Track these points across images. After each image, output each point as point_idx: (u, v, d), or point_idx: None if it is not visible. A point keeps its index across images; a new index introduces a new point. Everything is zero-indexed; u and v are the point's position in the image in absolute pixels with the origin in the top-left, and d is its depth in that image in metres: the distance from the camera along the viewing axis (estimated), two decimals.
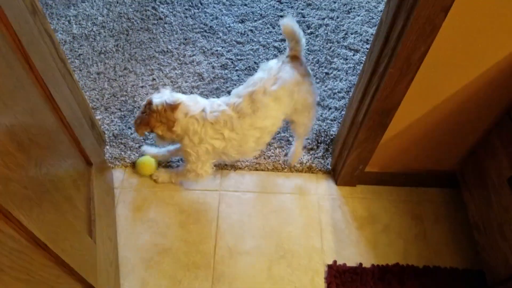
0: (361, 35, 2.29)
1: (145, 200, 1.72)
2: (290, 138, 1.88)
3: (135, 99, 2.01)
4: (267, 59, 2.16)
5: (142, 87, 2.06)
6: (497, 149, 1.28)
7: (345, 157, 1.57)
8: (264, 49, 2.22)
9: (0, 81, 0.79)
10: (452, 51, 1.08)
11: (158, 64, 2.15)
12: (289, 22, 1.39)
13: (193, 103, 1.48)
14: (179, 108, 1.46)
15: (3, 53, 0.85)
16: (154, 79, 2.09)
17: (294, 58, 1.46)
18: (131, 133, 1.87)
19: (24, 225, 0.73)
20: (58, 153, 1.09)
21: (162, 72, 2.12)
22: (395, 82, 1.12)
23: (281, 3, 2.45)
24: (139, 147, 1.83)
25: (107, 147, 1.84)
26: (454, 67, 1.12)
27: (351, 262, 1.53)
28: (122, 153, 1.81)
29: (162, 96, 1.48)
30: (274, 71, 1.43)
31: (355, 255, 1.56)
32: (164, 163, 1.80)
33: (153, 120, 1.47)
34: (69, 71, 1.46)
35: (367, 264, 1.53)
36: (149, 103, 1.48)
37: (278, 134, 1.89)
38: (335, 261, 1.53)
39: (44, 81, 1.06)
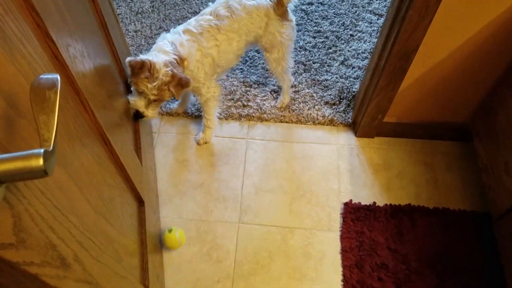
0: (385, 0, 2.38)
1: (180, 143, 1.89)
2: (314, 94, 2.02)
3: None
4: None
5: None
6: (506, 95, 1.40)
7: (365, 107, 1.70)
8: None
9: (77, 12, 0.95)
10: None
11: None
12: None
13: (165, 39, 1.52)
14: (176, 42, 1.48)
15: None
16: None
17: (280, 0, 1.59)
18: None
19: (96, 117, 0.89)
20: (112, 80, 1.26)
21: None
22: (414, 25, 1.24)
23: None
24: (173, 99, 1.99)
25: None
26: (469, 10, 1.23)
27: (366, 202, 1.68)
28: None
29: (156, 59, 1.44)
30: None
31: (369, 196, 1.71)
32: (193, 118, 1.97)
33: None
34: (116, 17, 1.62)
35: (380, 203, 1.67)
36: (176, 60, 1.45)
37: (302, 90, 2.03)
38: (351, 200, 1.68)
39: (103, 15, 1.22)
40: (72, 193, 0.62)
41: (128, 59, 1.40)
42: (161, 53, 1.46)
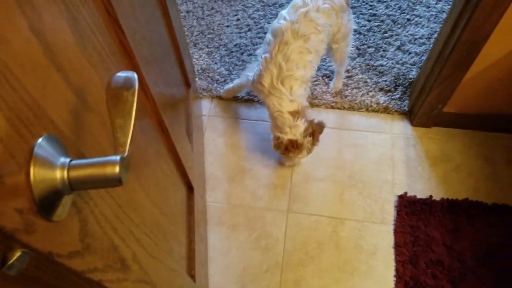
0: None
1: (230, 127, 1.88)
2: (368, 80, 1.93)
3: (221, 37, 2.15)
4: None
5: (227, 26, 2.19)
6: None
7: (425, 96, 1.60)
8: None
9: None
10: None
11: (242, 5, 2.26)
12: None
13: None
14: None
15: None
16: (238, 19, 2.21)
17: None
18: (217, 68, 2.03)
19: (155, 101, 0.87)
20: (169, 63, 1.24)
21: (246, 13, 2.23)
22: (489, 12, 1.14)
23: None
24: (224, 81, 1.98)
25: (196, 79, 2.01)
26: None
27: (421, 195, 1.61)
28: (209, 85, 1.98)
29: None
30: None
31: (425, 189, 1.63)
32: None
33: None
34: None
35: (437, 197, 1.59)
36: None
37: (356, 75, 1.95)
38: (405, 193, 1.61)
39: None
40: (131, 185, 0.61)
41: (273, 144, 1.55)
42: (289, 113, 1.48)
